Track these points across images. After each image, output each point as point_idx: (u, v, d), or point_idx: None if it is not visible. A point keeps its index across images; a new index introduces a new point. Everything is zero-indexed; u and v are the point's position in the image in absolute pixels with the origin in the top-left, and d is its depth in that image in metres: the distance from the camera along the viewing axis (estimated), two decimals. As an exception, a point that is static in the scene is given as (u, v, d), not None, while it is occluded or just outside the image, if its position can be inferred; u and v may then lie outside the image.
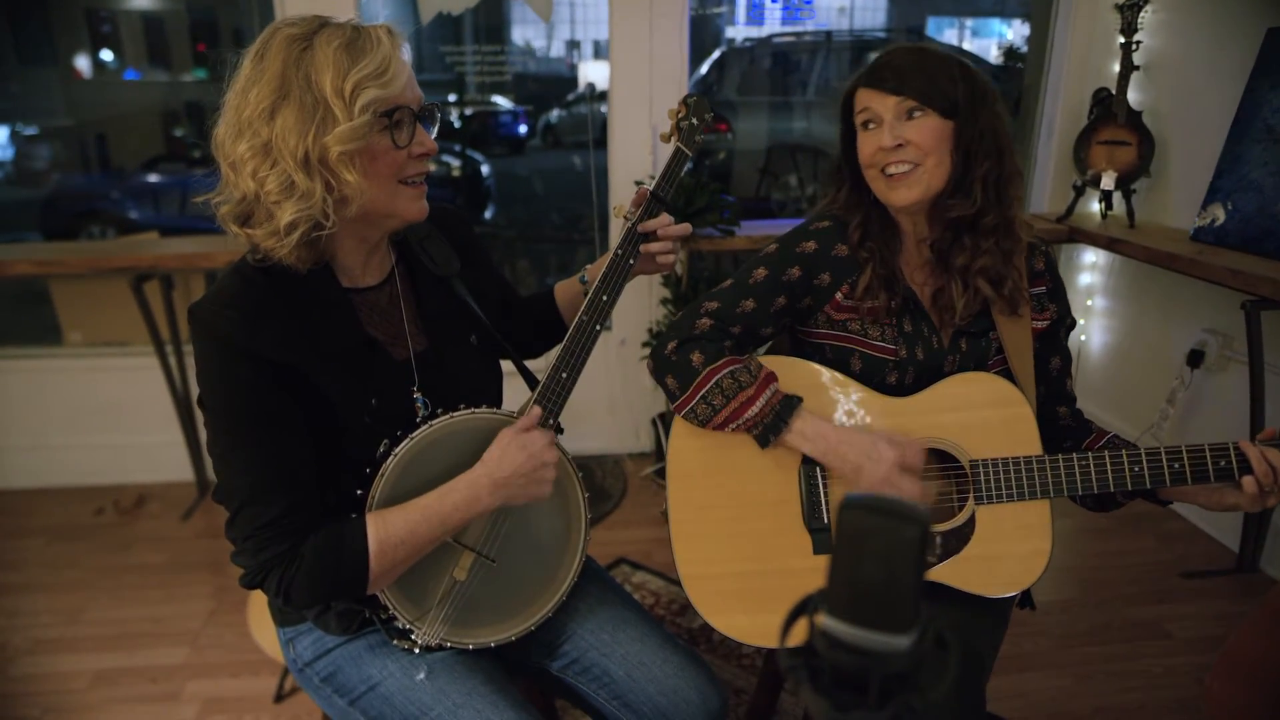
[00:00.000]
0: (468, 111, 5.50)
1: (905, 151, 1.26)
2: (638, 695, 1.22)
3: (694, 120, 1.45)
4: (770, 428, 1.26)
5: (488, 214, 5.45)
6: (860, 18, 6.36)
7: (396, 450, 1.13)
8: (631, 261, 1.32)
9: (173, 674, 2.19)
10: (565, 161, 5.51)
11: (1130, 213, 2.91)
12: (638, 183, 1.39)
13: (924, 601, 0.53)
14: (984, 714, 1.22)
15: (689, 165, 1.43)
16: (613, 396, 3.25)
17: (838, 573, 0.51)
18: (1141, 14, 2.86)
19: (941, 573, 1.27)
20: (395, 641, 1.19)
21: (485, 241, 1.29)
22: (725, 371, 1.27)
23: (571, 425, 3.39)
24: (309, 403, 1.08)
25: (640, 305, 3.12)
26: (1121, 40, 2.88)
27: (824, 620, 0.52)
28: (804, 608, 0.53)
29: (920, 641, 0.51)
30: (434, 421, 1.15)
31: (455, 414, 1.17)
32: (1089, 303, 3.31)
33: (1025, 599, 1.44)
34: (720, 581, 1.29)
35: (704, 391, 1.27)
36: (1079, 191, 3.03)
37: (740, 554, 1.29)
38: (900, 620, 0.50)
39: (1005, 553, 1.27)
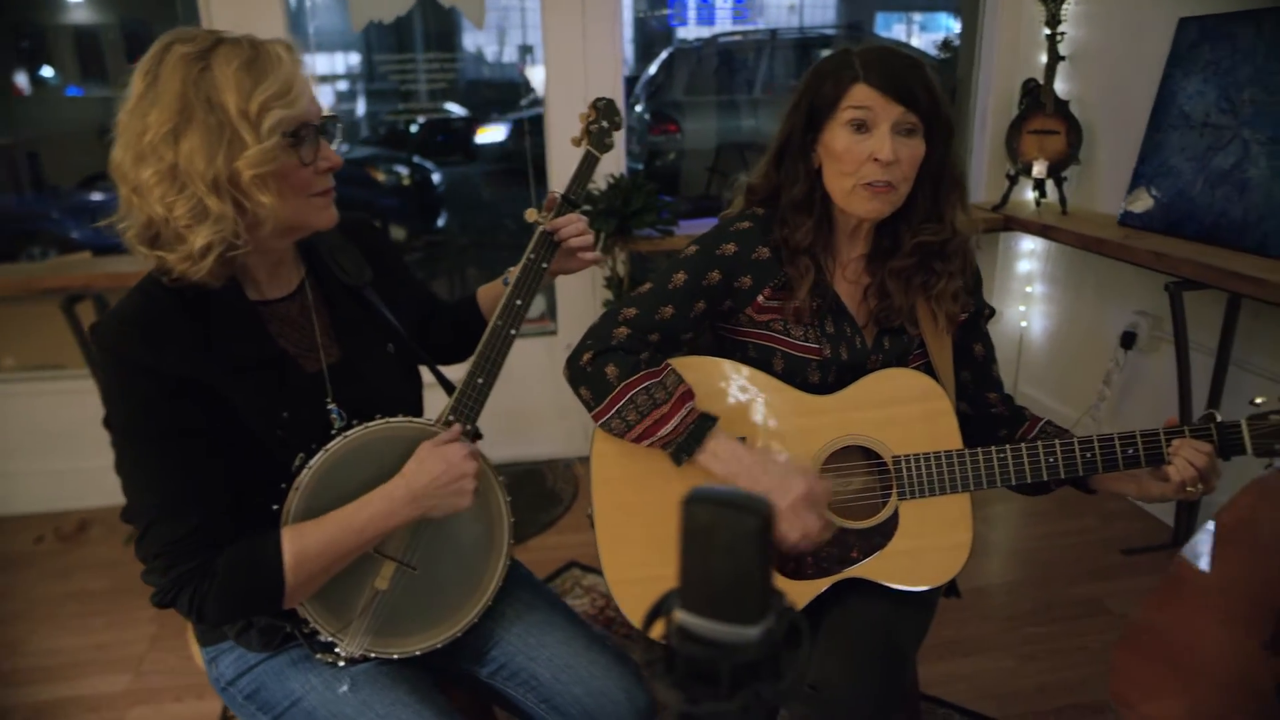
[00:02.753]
0: (420, 119, 5.47)
1: (892, 169, 1.22)
2: (564, 698, 1.23)
3: (603, 123, 1.46)
4: (683, 447, 1.25)
5: (440, 221, 5.42)
6: (810, 14, 6.41)
7: (311, 463, 1.12)
8: (545, 265, 1.33)
9: (115, 701, 2.14)
10: (520, 167, 5.49)
11: (1062, 200, 2.97)
12: (556, 191, 1.39)
13: (776, 592, 0.54)
14: (906, 703, 1.24)
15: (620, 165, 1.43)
16: (562, 401, 3.25)
17: (686, 567, 0.52)
18: (1064, 5, 2.92)
19: (866, 568, 1.29)
20: (318, 655, 1.18)
21: (440, 250, 1.29)
22: (640, 387, 1.25)
23: (522, 430, 3.38)
24: (219, 418, 1.07)
25: (585, 308, 3.12)
26: (1047, 32, 2.94)
27: (678, 614, 0.53)
28: (664, 603, 0.54)
29: (772, 631, 0.52)
30: (349, 433, 1.15)
31: (371, 425, 1.16)
32: (1028, 289, 3.37)
33: (951, 588, 1.46)
34: (648, 585, 1.29)
35: (618, 406, 1.25)
36: (1013, 180, 3.08)
37: (666, 557, 1.29)
38: (749, 611, 0.51)
39: (928, 546, 1.29)
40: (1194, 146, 2.46)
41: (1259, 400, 1.22)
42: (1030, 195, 3.08)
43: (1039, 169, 2.99)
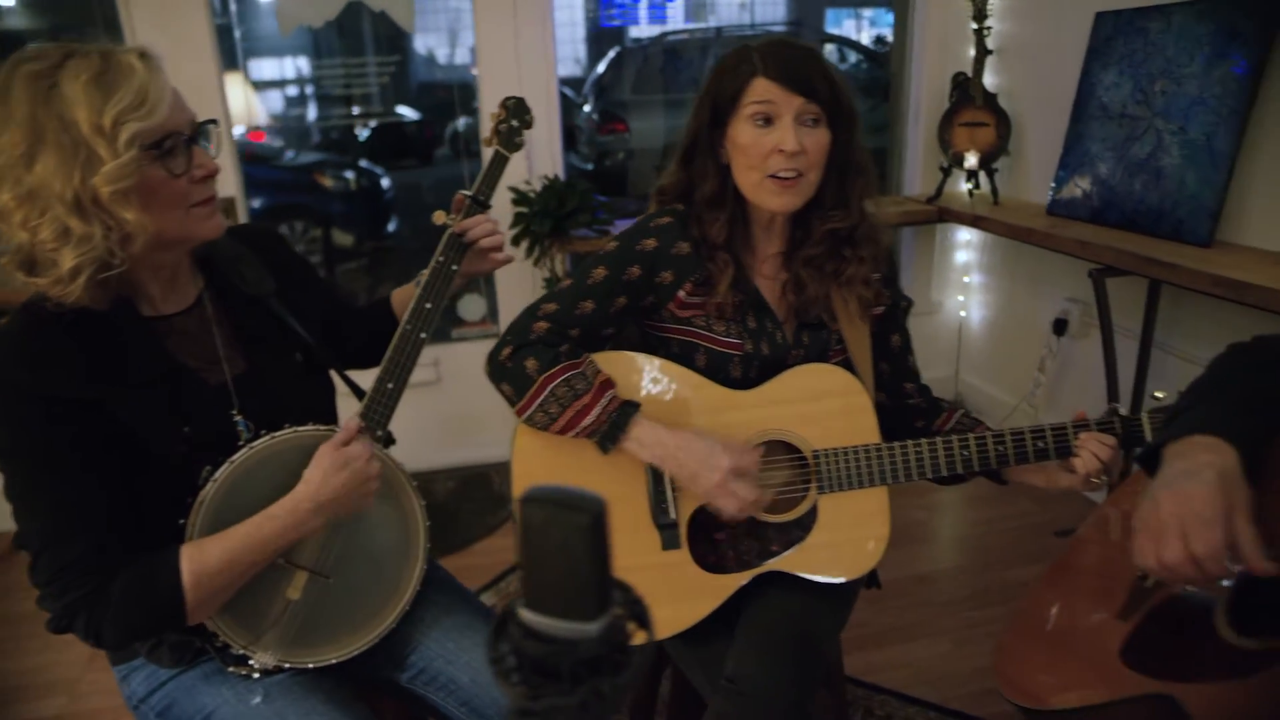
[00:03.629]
0: (372, 124, 5.41)
1: (798, 159, 1.24)
2: (484, 700, 1.23)
3: (513, 123, 1.46)
4: (607, 435, 1.26)
5: (391, 226, 5.37)
6: (761, 11, 6.45)
7: (216, 476, 1.11)
8: (455, 267, 1.33)
9: (49, 724, 2.11)
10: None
11: (994, 190, 3.03)
12: (464, 193, 1.39)
13: (622, 587, 0.55)
14: (831, 692, 1.26)
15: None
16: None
17: (524, 566, 0.52)
18: (990, 1, 2.97)
19: (786, 561, 1.31)
20: (231, 668, 1.17)
21: (391, 255, 1.28)
22: (561, 379, 1.25)
23: (468, 434, 3.36)
24: (114, 437, 1.06)
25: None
26: (974, 26, 3.00)
27: (522, 612, 0.53)
28: (510, 606, 0.55)
29: (613, 626, 0.53)
30: (256, 444, 1.14)
31: (278, 434, 1.16)
32: (965, 279, 3.43)
33: (871, 580, 1.49)
34: None
35: (540, 400, 1.26)
36: (946, 173, 3.14)
37: None
38: (588, 608, 0.52)
39: (846, 539, 1.31)
40: (1113, 137, 2.52)
41: (1159, 395, 1.26)
42: (964, 187, 3.13)
43: (971, 161, 3.05)
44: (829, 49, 6.03)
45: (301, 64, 4.87)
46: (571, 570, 0.51)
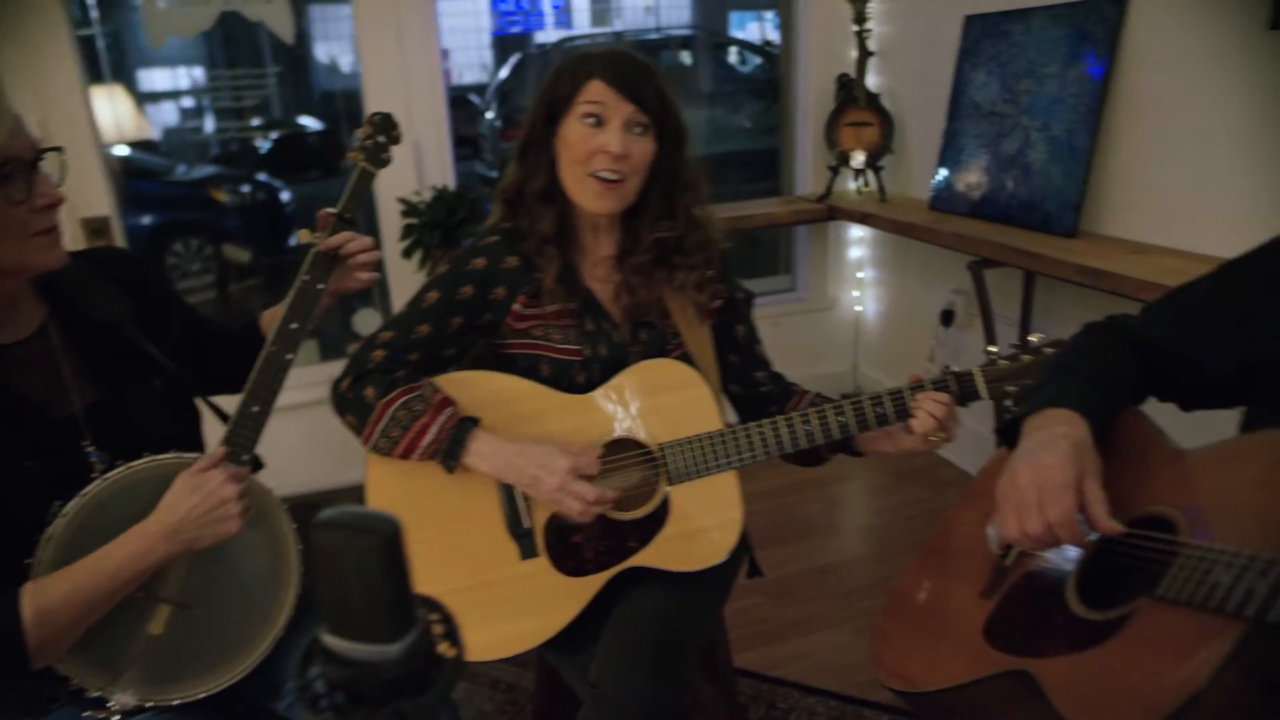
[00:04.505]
0: (273, 135, 5.26)
1: (622, 163, 1.29)
2: (361, 724, 1.21)
3: (379, 138, 1.45)
4: (448, 453, 1.27)
5: (291, 241, 5.22)
6: (666, 15, 6.52)
7: (65, 510, 1.07)
8: (321, 286, 1.31)
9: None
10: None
11: (880, 188, 3.12)
12: (329, 210, 1.37)
13: (431, 604, 0.55)
14: (679, 690, 1.28)
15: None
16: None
17: (321, 590, 0.52)
18: (869, 3, 3.06)
19: (644, 556, 1.32)
20: (88, 713, 1.12)
21: (290, 271, 1.25)
22: (399, 403, 1.27)
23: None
24: None
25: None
26: (855, 28, 3.08)
27: (324, 638, 0.53)
28: (315, 637, 0.54)
29: (415, 646, 0.53)
30: (110, 475, 1.10)
31: (134, 465, 1.12)
32: (859, 274, 3.52)
33: (754, 569, 1.52)
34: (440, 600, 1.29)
35: (381, 425, 1.27)
36: (835, 171, 3.22)
37: (451, 573, 1.31)
38: (388, 629, 0.52)
39: (700, 528, 1.33)
40: (986, 134, 2.63)
41: (992, 349, 1.32)
42: (852, 185, 3.22)
43: (857, 159, 3.14)
44: (731, 52, 6.14)
45: (197, 75, 4.70)
46: (368, 592, 0.51)
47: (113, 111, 3.17)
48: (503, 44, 6.25)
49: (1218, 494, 0.88)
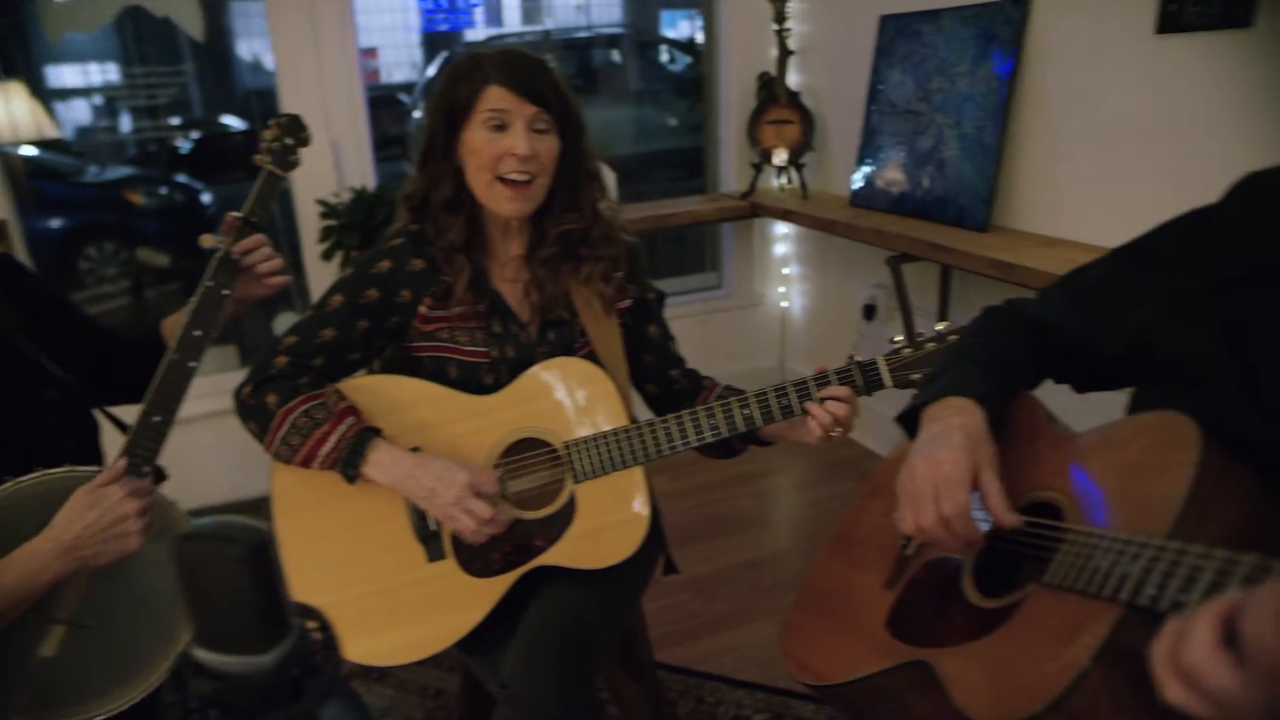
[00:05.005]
0: (194, 135, 5.09)
1: (530, 163, 1.28)
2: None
3: (287, 140, 1.42)
4: (347, 462, 1.26)
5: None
6: (597, 14, 6.49)
7: (-52, 529, 1.02)
8: (226, 292, 1.28)
9: None
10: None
11: (803, 185, 3.17)
12: (235, 214, 1.34)
13: (300, 614, 0.54)
14: (589, 687, 1.28)
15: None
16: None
17: (190, 604, 0.51)
18: (789, 2, 3.11)
19: (551, 555, 1.32)
20: (-23, 738, 1.08)
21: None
22: (300, 410, 1.26)
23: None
24: None
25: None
26: (775, 27, 3.12)
27: (196, 652, 0.52)
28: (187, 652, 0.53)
29: (290, 655, 0.52)
30: (-4, 491, 1.06)
31: (22, 481, 1.08)
32: (785, 270, 3.57)
33: (669, 566, 1.53)
34: (343, 609, 1.28)
35: (282, 433, 1.26)
36: (758, 169, 3.25)
37: (358, 577, 1.30)
38: (260, 639, 0.51)
39: (607, 524, 1.34)
40: (902, 132, 2.68)
41: (897, 338, 1.35)
42: (775, 182, 3.26)
43: (779, 157, 3.18)
44: (663, 50, 6.15)
45: (112, 71, 4.53)
46: (238, 603, 0.50)
47: (6, 110, 3.04)
48: (431, 42, 6.16)
49: (1099, 478, 0.90)
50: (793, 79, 3.17)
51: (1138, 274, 0.98)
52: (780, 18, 3.10)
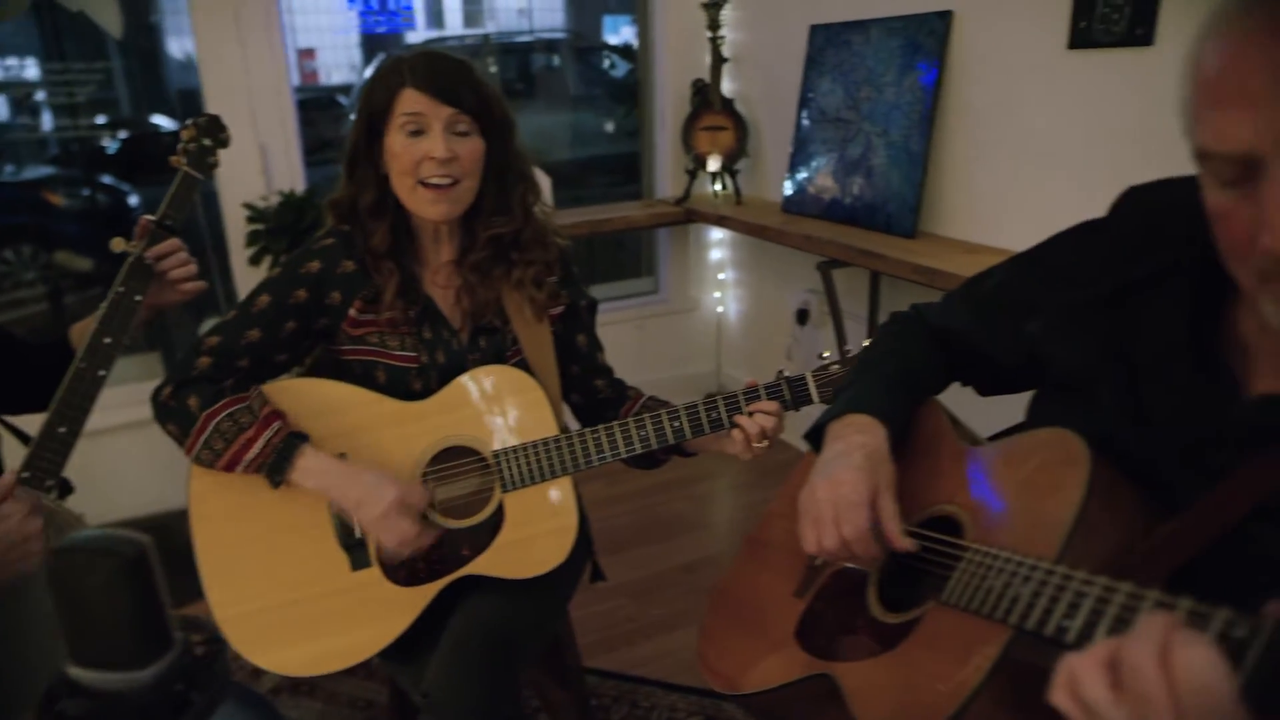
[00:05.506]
0: (122, 134, 4.92)
1: (451, 166, 1.27)
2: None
3: (205, 141, 1.39)
4: (274, 468, 1.23)
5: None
6: (539, 18, 6.46)
7: None
8: (138, 298, 1.25)
9: None
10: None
11: (736, 190, 3.20)
12: (149, 217, 1.31)
13: (186, 628, 0.53)
14: (513, 695, 1.27)
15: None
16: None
17: (63, 620, 0.49)
18: (722, 11, 3.14)
19: (478, 565, 1.32)
20: None
21: None
22: (224, 414, 1.23)
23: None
24: None
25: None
26: (709, 35, 3.15)
27: (71, 671, 0.50)
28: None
29: (170, 670, 0.50)
30: (-117, 506, 1.01)
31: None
32: (720, 276, 3.60)
33: (596, 573, 1.53)
34: (261, 617, 1.25)
35: (205, 436, 1.23)
36: (692, 175, 3.28)
37: (279, 584, 1.27)
38: (138, 655, 0.50)
39: (534, 534, 1.33)
40: (832, 139, 2.73)
41: (826, 354, 1.37)
42: (710, 188, 3.29)
43: (713, 163, 3.21)
44: (604, 55, 6.15)
45: (30, 67, 4.37)
46: (114, 618, 0.49)
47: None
48: (371, 44, 6.08)
49: (997, 494, 0.91)
50: (727, 86, 3.21)
51: (1031, 284, 1.00)
52: (714, 25, 3.13)
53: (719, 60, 3.16)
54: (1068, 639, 0.70)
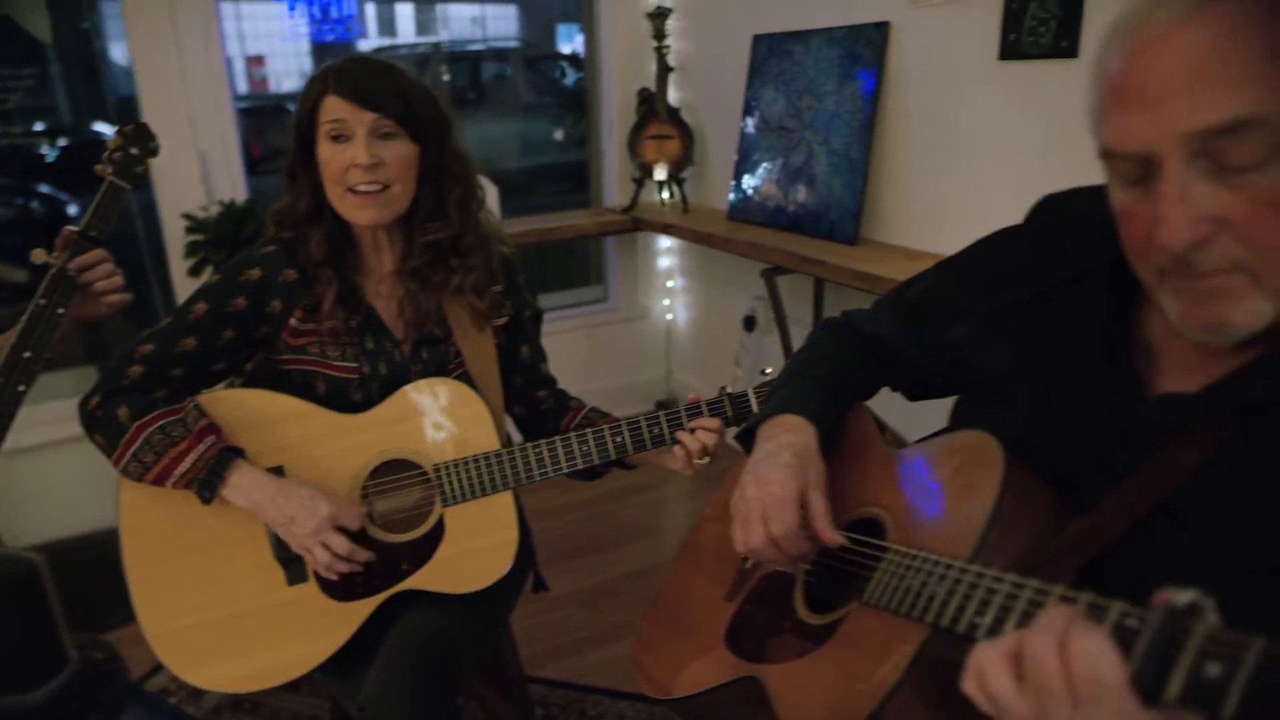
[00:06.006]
0: (61, 142, 4.79)
1: (378, 171, 1.26)
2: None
3: (132, 150, 1.37)
4: (204, 484, 1.21)
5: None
6: (493, 27, 6.43)
7: None
8: (61, 310, 1.22)
9: None
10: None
11: (683, 198, 3.22)
12: (71, 228, 1.29)
13: (85, 647, 0.52)
14: (451, 708, 1.27)
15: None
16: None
17: (-52, 643, 0.48)
18: (667, 21, 3.16)
19: (417, 579, 1.31)
20: None
21: None
22: (156, 426, 1.20)
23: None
24: None
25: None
26: (655, 44, 3.17)
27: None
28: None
29: (65, 691, 0.50)
30: None
31: None
32: (669, 283, 3.62)
33: (539, 583, 1.53)
34: (193, 634, 1.23)
35: (134, 449, 1.20)
36: (639, 183, 3.29)
37: (212, 600, 1.25)
38: (27, 677, 0.49)
39: (474, 549, 1.33)
40: (775, 147, 2.76)
41: (768, 370, 1.38)
42: (657, 197, 3.30)
43: (660, 171, 3.23)
44: (555, 66, 6.15)
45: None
46: (0, 640, 0.48)
47: None
48: (321, 51, 6.02)
49: (918, 497, 0.93)
50: (672, 95, 3.23)
51: (953, 291, 1.03)
52: (659, 35, 3.16)
53: (664, 69, 3.18)
54: (979, 635, 0.71)
